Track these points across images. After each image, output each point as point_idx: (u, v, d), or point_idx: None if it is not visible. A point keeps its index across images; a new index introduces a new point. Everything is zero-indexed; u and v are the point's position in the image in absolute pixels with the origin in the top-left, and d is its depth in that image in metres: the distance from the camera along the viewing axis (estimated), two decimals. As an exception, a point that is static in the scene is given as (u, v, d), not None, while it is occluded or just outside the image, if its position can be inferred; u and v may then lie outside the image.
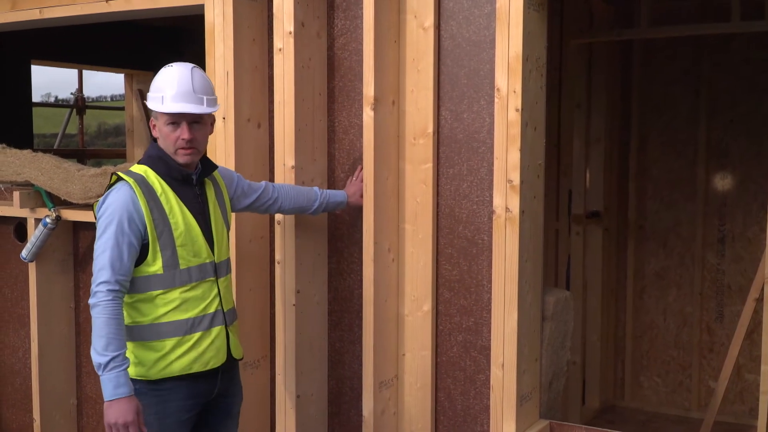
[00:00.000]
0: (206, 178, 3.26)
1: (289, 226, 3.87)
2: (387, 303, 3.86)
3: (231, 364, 3.29)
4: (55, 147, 10.11)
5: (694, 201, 5.99)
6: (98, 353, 2.89)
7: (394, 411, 3.95)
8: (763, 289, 4.03)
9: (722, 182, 5.94)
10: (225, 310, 3.24)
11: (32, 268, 4.73)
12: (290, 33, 3.79)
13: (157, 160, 3.12)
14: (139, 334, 3.07)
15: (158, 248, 3.03)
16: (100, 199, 3.08)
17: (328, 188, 4.07)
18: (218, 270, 3.22)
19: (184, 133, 3.10)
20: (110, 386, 2.89)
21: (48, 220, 4.59)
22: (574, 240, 5.91)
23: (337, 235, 4.08)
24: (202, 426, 3.28)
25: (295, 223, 3.87)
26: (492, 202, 3.64)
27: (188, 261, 3.10)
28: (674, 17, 5.74)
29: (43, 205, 4.68)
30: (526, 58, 3.51)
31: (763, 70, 5.72)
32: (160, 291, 3.06)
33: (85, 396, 4.95)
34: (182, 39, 8.29)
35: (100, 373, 2.90)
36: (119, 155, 10.39)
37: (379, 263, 3.80)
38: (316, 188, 3.77)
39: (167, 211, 3.05)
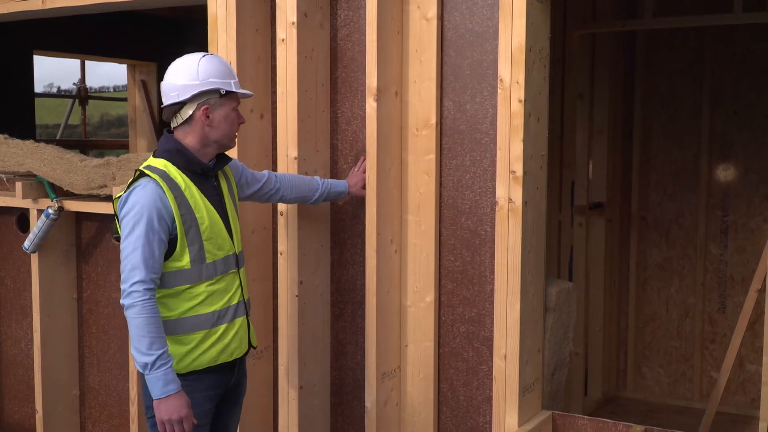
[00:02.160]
0: (219, 170, 3.28)
1: (292, 217, 3.87)
2: (390, 294, 3.87)
3: (248, 353, 3.37)
4: (57, 138, 10.11)
5: (697, 192, 5.99)
6: (143, 353, 2.90)
7: (397, 402, 3.95)
8: (765, 280, 4.03)
9: (725, 173, 5.93)
10: (246, 300, 3.30)
11: (35, 259, 4.74)
12: (293, 24, 3.78)
13: (176, 153, 3.11)
14: (166, 328, 3.06)
15: (186, 243, 3.04)
16: (122, 195, 3.05)
17: (332, 179, 4.07)
18: (239, 261, 3.27)
19: (241, 117, 3.21)
20: (159, 384, 2.91)
21: (50, 210, 4.59)
22: (577, 231, 5.91)
23: (339, 226, 4.08)
24: (215, 415, 3.31)
25: (298, 214, 3.87)
26: (495, 193, 3.64)
27: (214, 255, 3.12)
28: (678, 8, 5.72)
29: (46, 196, 4.69)
30: (529, 49, 3.50)
31: (766, 62, 5.70)
32: (188, 285, 3.08)
33: (88, 387, 4.96)
34: (185, 29, 8.28)
35: (147, 372, 2.91)
36: (122, 146, 10.39)
37: (382, 254, 3.80)
38: (317, 178, 3.78)
39: (193, 205, 3.06)
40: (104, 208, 4.53)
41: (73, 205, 4.64)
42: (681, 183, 6.05)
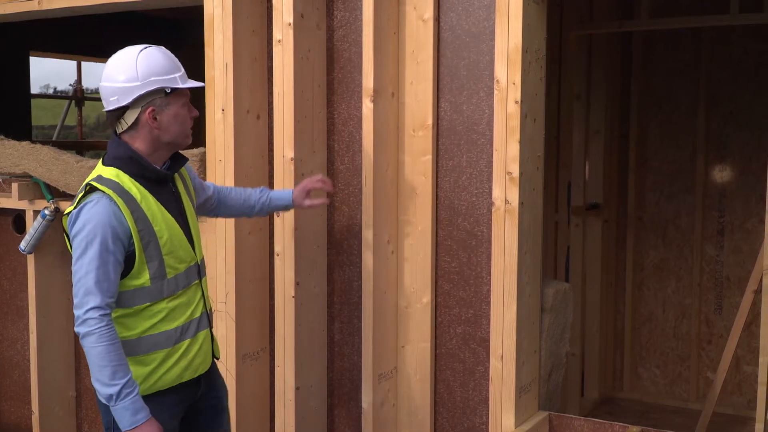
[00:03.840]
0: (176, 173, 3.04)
1: (289, 218, 3.87)
2: (386, 295, 3.87)
3: (212, 364, 3.17)
4: (53, 138, 10.10)
5: (694, 193, 6.00)
6: (106, 384, 2.70)
7: (394, 403, 3.95)
8: (761, 280, 4.03)
9: (721, 174, 5.94)
10: (209, 311, 3.10)
11: (31, 260, 4.73)
12: (289, 24, 3.78)
13: (128, 161, 2.84)
14: (127, 348, 2.83)
15: (145, 260, 2.80)
16: (71, 212, 2.78)
17: (277, 191, 4.03)
18: (201, 270, 3.05)
19: (193, 110, 2.95)
20: (128, 415, 2.71)
21: (47, 212, 4.59)
22: (574, 232, 5.91)
23: (336, 227, 4.08)
24: (192, 424, 3.14)
25: (294, 216, 3.86)
26: (491, 194, 3.64)
27: (175, 269, 2.90)
28: (674, 9, 5.73)
29: (42, 197, 4.68)
30: (525, 50, 3.51)
31: (762, 62, 5.71)
32: (147, 304, 2.86)
33: (85, 388, 4.95)
34: (181, 30, 8.27)
35: (112, 404, 2.71)
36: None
37: (379, 255, 3.80)
38: (258, 190, 3.52)
39: (150, 218, 2.81)
40: (100, 209, 4.52)
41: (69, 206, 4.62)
42: (677, 184, 6.06)
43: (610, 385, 6.27)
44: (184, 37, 8.14)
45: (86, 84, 9.97)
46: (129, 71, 2.83)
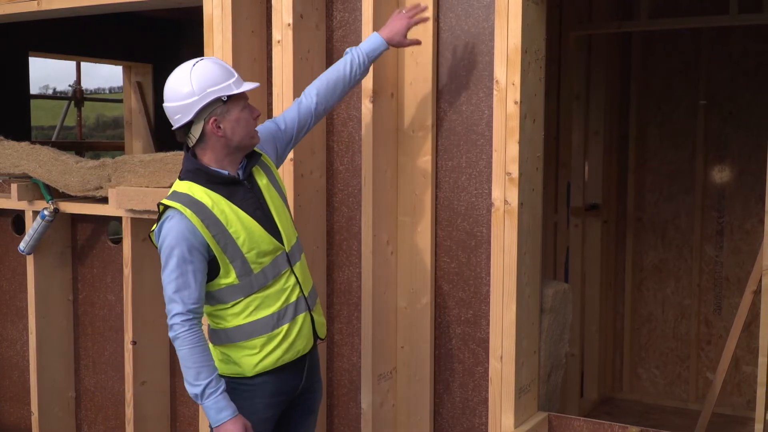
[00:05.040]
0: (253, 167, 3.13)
1: (288, 218, 3.87)
2: (386, 295, 3.86)
3: (314, 350, 3.25)
4: (53, 139, 10.09)
5: (693, 193, 6.00)
6: (191, 384, 2.88)
7: (393, 403, 3.95)
8: (761, 281, 4.03)
9: (721, 174, 5.94)
10: (306, 295, 3.17)
11: (30, 261, 4.73)
12: (289, 25, 3.78)
13: (196, 172, 3.00)
14: (227, 337, 3.04)
15: (227, 261, 2.96)
16: (154, 229, 2.99)
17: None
18: (291, 258, 3.13)
19: (255, 110, 3.05)
20: (213, 413, 2.88)
21: (46, 212, 4.59)
22: (573, 232, 5.91)
23: (335, 227, 4.08)
24: (284, 423, 3.25)
25: (294, 216, 3.86)
26: (491, 194, 3.64)
27: (260, 263, 3.02)
28: (674, 9, 5.73)
29: (41, 198, 4.68)
30: (525, 51, 3.51)
31: (761, 63, 5.72)
32: (240, 298, 3.02)
33: (84, 389, 4.95)
34: (181, 31, 8.27)
35: (199, 402, 2.90)
36: (118, 147, 10.37)
37: (378, 256, 3.80)
38: (343, 61, 3.44)
39: (224, 223, 2.95)
40: (100, 209, 4.52)
41: (69, 207, 4.63)
42: (677, 184, 6.06)
43: (609, 386, 6.27)
44: (183, 38, 8.14)
45: (85, 84, 9.98)
46: (185, 87, 2.96)
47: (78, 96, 9.84)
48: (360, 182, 3.89)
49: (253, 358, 3.05)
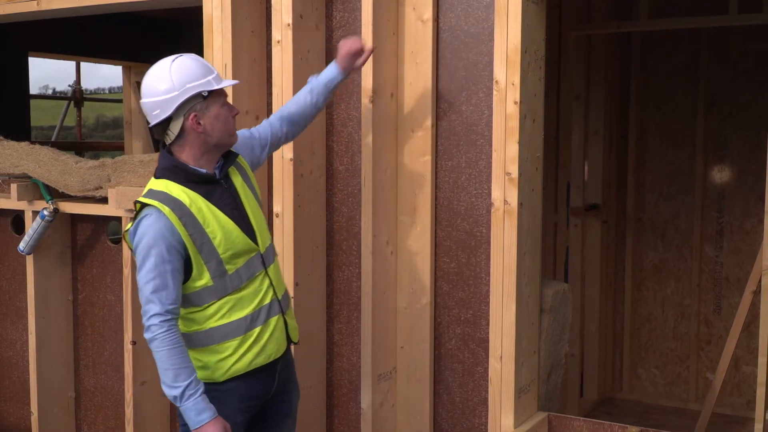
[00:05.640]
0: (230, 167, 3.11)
1: (288, 219, 3.87)
2: (385, 295, 3.87)
3: (288, 353, 3.22)
4: (52, 139, 10.08)
5: (693, 193, 6.00)
6: (170, 386, 2.83)
7: (393, 403, 3.95)
8: (760, 281, 4.03)
9: (720, 174, 5.94)
10: (279, 298, 3.14)
11: (30, 261, 4.73)
12: (289, 25, 3.78)
13: (173, 170, 2.96)
14: (198, 340, 2.99)
15: (202, 262, 2.91)
16: (129, 229, 2.94)
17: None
18: (266, 259, 3.10)
19: (233, 108, 3.04)
20: (192, 415, 2.83)
21: (46, 212, 4.59)
22: (573, 232, 5.91)
23: (335, 227, 4.08)
24: (260, 427, 3.20)
25: (293, 216, 3.86)
26: (490, 194, 3.64)
27: (235, 264, 2.98)
28: (673, 10, 5.73)
29: (41, 198, 4.68)
30: (524, 51, 3.51)
31: (761, 63, 5.72)
32: (214, 300, 2.97)
33: (84, 389, 4.95)
34: (181, 31, 8.27)
35: (178, 404, 2.84)
36: (117, 148, 10.37)
37: (378, 256, 3.80)
38: (305, 89, 3.47)
39: (201, 222, 2.91)
40: (99, 209, 4.52)
41: (69, 207, 4.63)
42: (676, 184, 6.06)
43: (609, 386, 6.27)
44: (183, 39, 8.14)
45: (85, 85, 9.98)
46: (165, 83, 2.93)
47: (78, 96, 9.84)
48: (360, 182, 3.89)
49: (225, 362, 3.00)
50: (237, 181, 3.11)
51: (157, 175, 3.00)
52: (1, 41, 6.98)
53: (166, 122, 2.95)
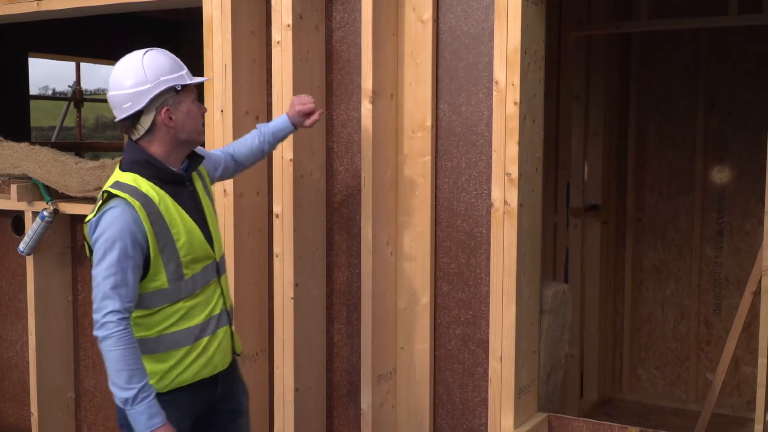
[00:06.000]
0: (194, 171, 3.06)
1: (288, 219, 3.87)
2: (385, 296, 3.86)
3: (233, 363, 3.16)
4: (52, 140, 10.09)
5: (693, 194, 6.00)
6: (122, 388, 2.70)
7: (393, 404, 3.95)
8: (760, 281, 4.03)
9: (720, 175, 5.94)
10: (228, 309, 3.10)
11: (30, 262, 4.73)
12: (288, 26, 3.78)
13: (145, 164, 2.87)
14: (146, 347, 2.87)
15: (161, 262, 2.83)
16: (91, 219, 2.81)
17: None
18: (219, 268, 3.05)
19: (202, 107, 2.98)
20: (143, 419, 2.71)
21: (45, 213, 4.58)
22: (573, 233, 5.91)
23: (335, 228, 4.08)
24: (208, 428, 3.14)
25: (293, 217, 3.86)
26: (490, 195, 3.64)
27: (193, 269, 2.91)
28: (673, 10, 5.73)
29: (41, 198, 4.68)
30: (524, 51, 3.51)
31: (761, 63, 5.72)
32: (166, 304, 2.88)
33: (84, 390, 4.95)
34: (180, 31, 8.27)
35: (128, 408, 2.71)
36: (117, 148, 10.37)
37: (378, 256, 3.80)
38: (254, 133, 3.47)
39: (168, 221, 2.83)
40: (99, 210, 4.51)
41: (68, 208, 4.63)
42: (676, 184, 6.06)
43: (609, 387, 6.27)
44: (183, 39, 8.14)
45: (85, 85, 9.97)
46: (138, 75, 2.86)
47: (77, 97, 9.84)
48: (359, 183, 3.89)
49: (171, 372, 2.92)
50: (199, 186, 3.07)
51: (124, 168, 2.90)
52: (1, 42, 6.99)
53: (137, 116, 2.86)
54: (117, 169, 2.94)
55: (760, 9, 5.17)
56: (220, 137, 3.95)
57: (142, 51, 2.93)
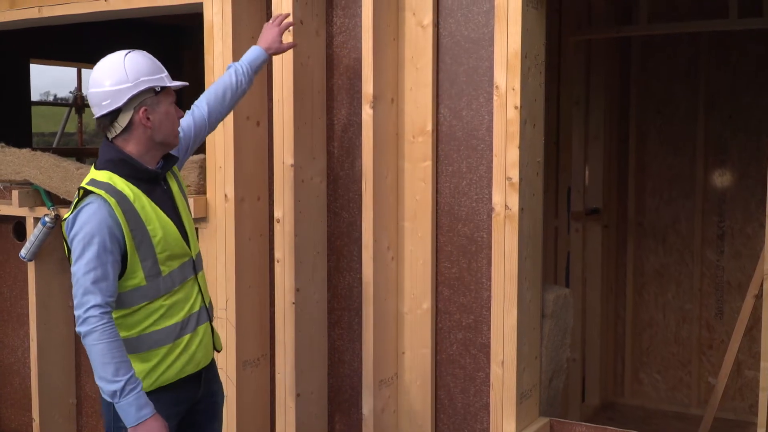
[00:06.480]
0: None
1: (289, 224, 3.87)
2: (386, 301, 3.86)
3: (213, 361, 3.20)
4: (54, 146, 10.10)
5: (693, 197, 5.99)
6: (109, 381, 2.70)
7: (394, 409, 3.95)
8: (762, 285, 4.03)
9: (721, 178, 5.94)
10: (207, 305, 3.12)
11: (31, 268, 4.73)
12: (289, 31, 3.78)
13: (120, 162, 2.88)
14: (128, 347, 2.86)
15: (138, 259, 2.84)
16: (68, 217, 2.83)
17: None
18: (196, 265, 3.07)
19: (179, 111, 3.01)
20: (133, 411, 2.71)
21: (47, 219, 4.59)
22: (574, 237, 5.91)
23: (336, 233, 4.08)
24: (190, 428, 3.15)
25: (294, 222, 3.86)
26: (491, 199, 3.64)
27: (170, 266, 2.93)
28: (673, 14, 5.74)
29: (42, 204, 4.68)
30: (524, 56, 3.51)
31: (761, 66, 5.72)
32: (145, 303, 2.89)
33: (85, 395, 4.95)
34: (182, 37, 8.28)
35: (116, 401, 2.72)
36: (118, 154, 10.36)
37: (379, 261, 3.80)
38: (226, 75, 3.47)
39: (144, 219, 2.85)
40: (100, 216, 4.52)
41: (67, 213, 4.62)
42: (677, 188, 6.06)
43: (611, 391, 6.26)
44: (184, 45, 8.15)
45: (86, 91, 9.97)
46: (118, 74, 2.89)
47: (79, 103, 9.86)
48: (360, 188, 3.89)
49: (154, 371, 2.93)
50: (174, 185, 3.09)
51: (99, 167, 2.93)
52: (2, 48, 7.00)
53: (115, 114, 2.89)
54: (92, 168, 2.97)
55: (761, 12, 5.17)
56: (221, 142, 3.95)
57: (124, 51, 2.97)
